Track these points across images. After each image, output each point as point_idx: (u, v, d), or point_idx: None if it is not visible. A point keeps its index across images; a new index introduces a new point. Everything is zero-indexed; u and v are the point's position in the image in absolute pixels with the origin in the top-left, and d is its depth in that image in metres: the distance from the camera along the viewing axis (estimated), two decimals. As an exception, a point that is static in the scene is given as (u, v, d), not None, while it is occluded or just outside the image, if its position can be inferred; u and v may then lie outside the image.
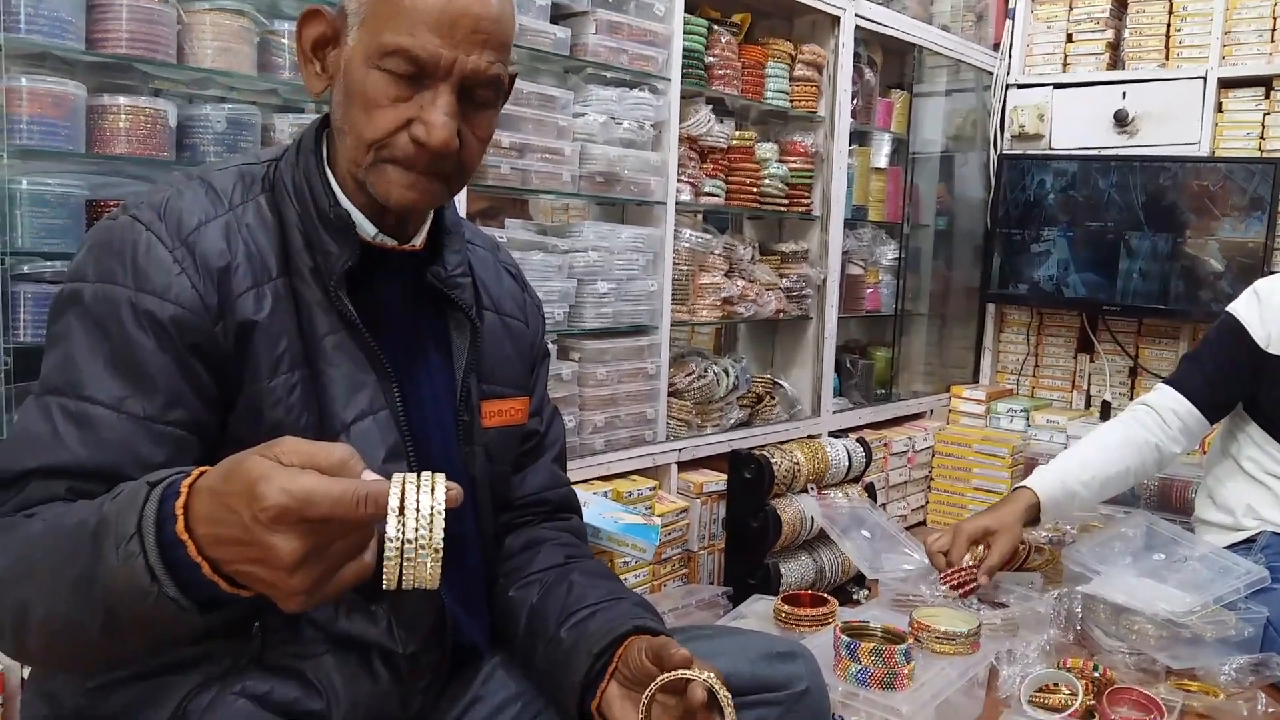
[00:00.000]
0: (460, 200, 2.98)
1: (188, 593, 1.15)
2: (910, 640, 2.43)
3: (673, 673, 1.54)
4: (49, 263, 2.41)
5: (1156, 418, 3.25)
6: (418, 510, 1.08)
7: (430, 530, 1.08)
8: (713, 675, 1.53)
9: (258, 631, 1.53)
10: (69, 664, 1.45)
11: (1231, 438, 3.33)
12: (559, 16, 3.43)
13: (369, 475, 1.11)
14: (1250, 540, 3.18)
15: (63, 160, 2.47)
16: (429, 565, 1.09)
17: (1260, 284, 3.26)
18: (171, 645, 1.39)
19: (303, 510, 1.05)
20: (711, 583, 3.85)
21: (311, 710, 1.55)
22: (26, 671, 2.21)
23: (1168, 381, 3.35)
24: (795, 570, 3.87)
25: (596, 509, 3.01)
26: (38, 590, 1.26)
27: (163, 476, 1.19)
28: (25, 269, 2.38)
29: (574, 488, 2.11)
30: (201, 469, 1.16)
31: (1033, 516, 3.13)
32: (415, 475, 1.10)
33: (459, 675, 1.82)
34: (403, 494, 1.08)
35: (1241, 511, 3.20)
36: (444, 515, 1.09)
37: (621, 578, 3.01)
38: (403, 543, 1.08)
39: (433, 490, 1.09)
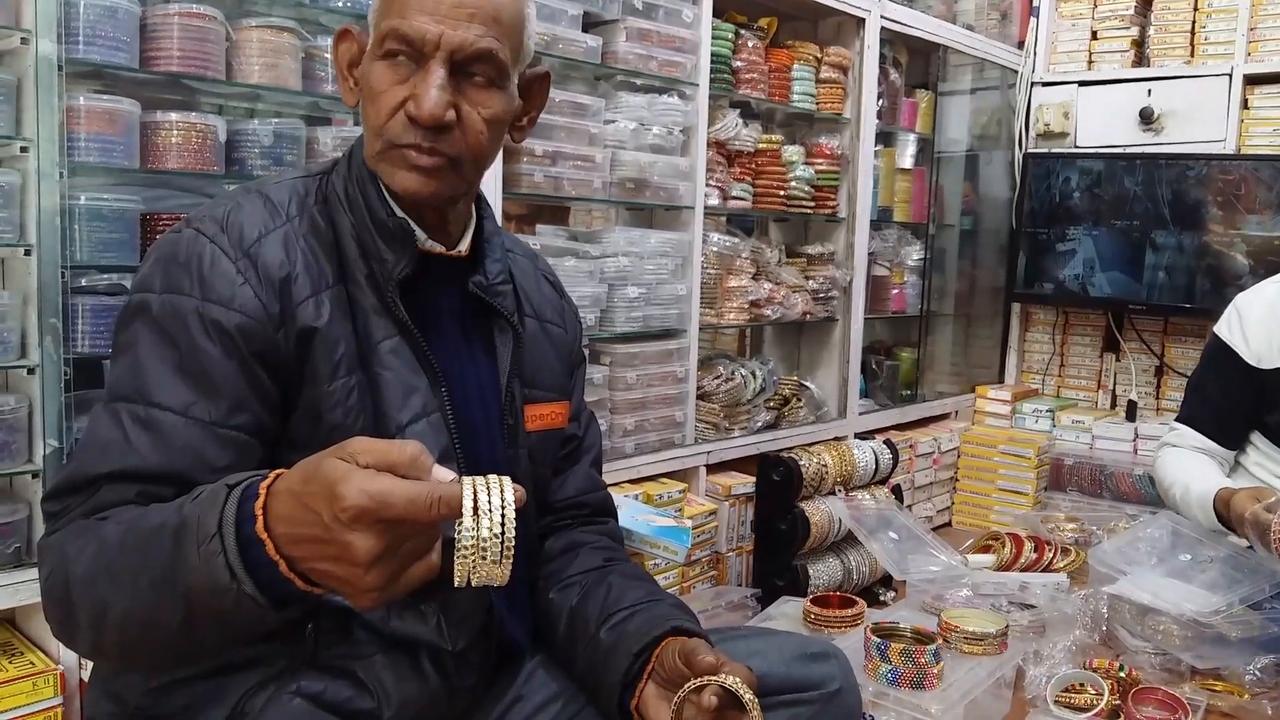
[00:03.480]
0: (496, 209, 3.02)
1: (264, 590, 1.20)
2: (939, 641, 2.47)
3: (699, 680, 1.58)
4: (105, 275, 2.46)
5: (1187, 456, 3.27)
6: (490, 510, 1.13)
7: (504, 529, 1.13)
8: (738, 679, 1.56)
9: (311, 633, 1.58)
10: (143, 661, 1.49)
11: (1240, 447, 3.34)
12: (590, 25, 3.47)
13: (439, 470, 1.16)
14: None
15: (118, 175, 2.52)
16: (502, 563, 1.14)
17: (1239, 300, 3.26)
18: (244, 641, 1.43)
19: (380, 510, 1.10)
20: (740, 585, 3.88)
21: (363, 710, 1.60)
22: (86, 672, 2.27)
23: (1182, 420, 3.35)
24: (823, 572, 3.90)
25: (629, 512, 3.04)
26: (117, 589, 1.31)
27: (241, 479, 1.24)
28: (83, 281, 2.43)
29: (609, 491, 2.16)
30: (278, 471, 1.21)
31: None
32: (484, 478, 1.15)
33: (502, 675, 1.86)
34: (474, 495, 1.13)
35: (1264, 516, 3.22)
36: (515, 515, 1.14)
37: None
38: (478, 541, 1.13)
39: (502, 491, 1.14)
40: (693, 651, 1.62)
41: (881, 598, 4.00)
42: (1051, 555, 3.58)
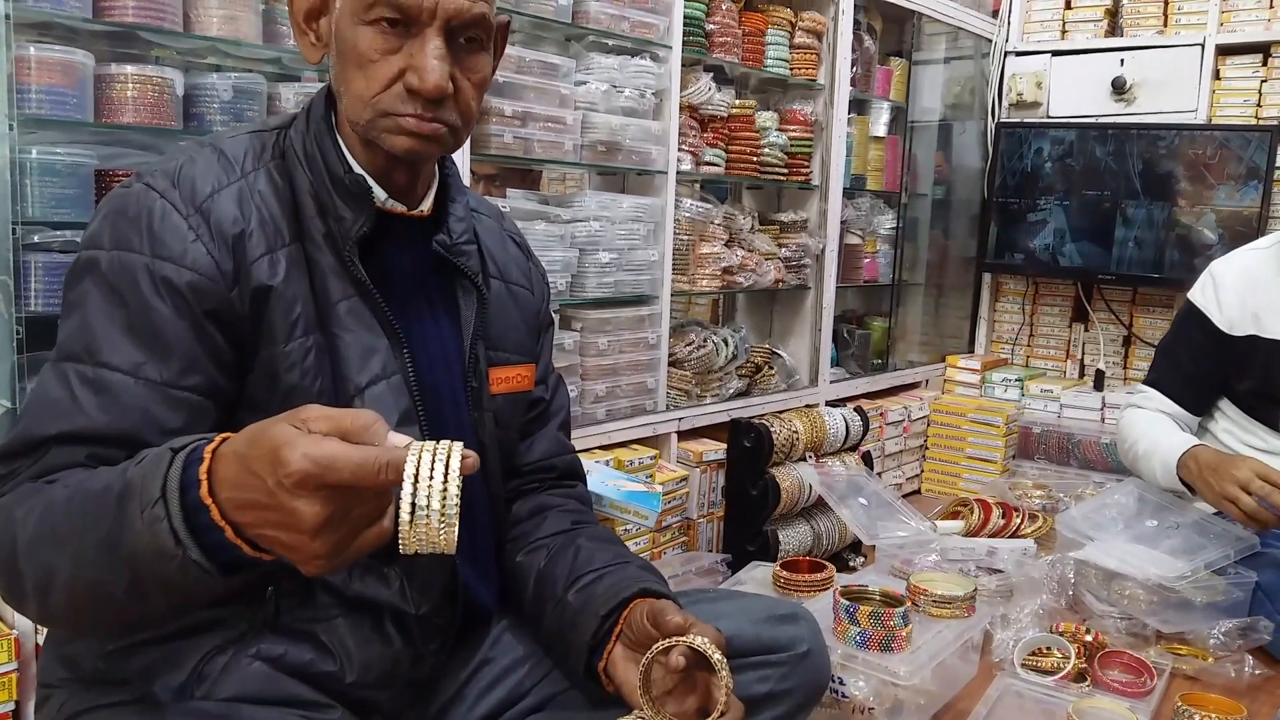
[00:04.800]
0: (464, 170, 2.99)
1: (211, 556, 1.17)
2: (907, 604, 2.47)
3: (666, 640, 1.57)
4: (58, 232, 2.42)
5: (1156, 416, 3.27)
6: (431, 478, 1.10)
7: (445, 497, 1.11)
8: (706, 640, 1.55)
9: (272, 595, 1.57)
10: (92, 627, 1.47)
11: (1206, 413, 3.34)
12: (561, -16, 3.44)
13: (395, 437, 1.14)
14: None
15: (71, 130, 2.48)
16: (444, 531, 1.12)
17: (1215, 266, 3.25)
18: (193, 607, 1.41)
19: (325, 476, 1.07)
20: (710, 550, 3.88)
21: (325, 672, 1.59)
22: (41, 636, 2.25)
23: (1149, 383, 3.35)
24: (793, 537, 3.91)
25: (599, 477, 3.03)
26: (63, 554, 1.28)
27: (186, 442, 1.22)
28: (35, 239, 2.39)
29: (578, 455, 2.14)
30: (224, 435, 1.19)
31: None
32: (433, 443, 1.13)
33: (468, 638, 1.85)
34: (418, 461, 1.11)
35: (1227, 480, 3.22)
36: (459, 483, 1.12)
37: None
38: (415, 509, 1.10)
39: (448, 458, 1.12)
40: (661, 612, 1.62)
41: (851, 563, 4.00)
42: (1019, 521, 3.58)
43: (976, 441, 5.14)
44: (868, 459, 4.29)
